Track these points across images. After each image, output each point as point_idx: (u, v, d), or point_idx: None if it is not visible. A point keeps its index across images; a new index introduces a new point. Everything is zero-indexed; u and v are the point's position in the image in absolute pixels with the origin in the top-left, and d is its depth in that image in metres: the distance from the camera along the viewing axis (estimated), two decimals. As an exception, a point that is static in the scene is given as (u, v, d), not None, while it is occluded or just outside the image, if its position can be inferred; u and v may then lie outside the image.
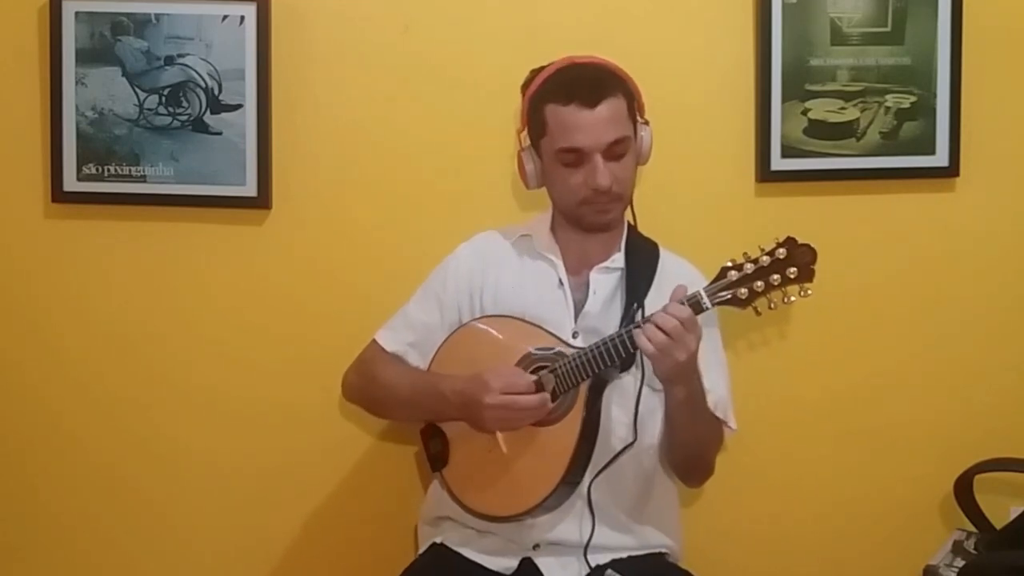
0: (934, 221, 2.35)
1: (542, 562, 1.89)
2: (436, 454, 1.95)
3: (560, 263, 1.98)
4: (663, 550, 1.99)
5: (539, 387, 1.83)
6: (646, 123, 1.97)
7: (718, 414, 1.93)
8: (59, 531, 2.36)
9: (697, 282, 1.94)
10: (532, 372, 1.86)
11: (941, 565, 2.11)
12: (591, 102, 1.87)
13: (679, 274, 1.97)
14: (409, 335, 2.02)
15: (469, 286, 2.00)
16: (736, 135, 2.32)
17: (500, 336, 1.93)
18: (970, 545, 2.15)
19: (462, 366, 1.91)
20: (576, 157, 1.89)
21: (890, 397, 2.35)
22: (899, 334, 2.36)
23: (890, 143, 2.31)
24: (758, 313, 1.76)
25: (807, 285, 1.74)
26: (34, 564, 2.37)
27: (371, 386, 2.02)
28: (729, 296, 1.75)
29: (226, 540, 2.36)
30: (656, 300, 1.88)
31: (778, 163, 2.30)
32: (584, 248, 1.98)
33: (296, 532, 2.35)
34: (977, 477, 2.18)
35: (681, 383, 1.80)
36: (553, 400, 1.84)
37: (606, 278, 1.96)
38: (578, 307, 1.94)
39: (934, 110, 2.30)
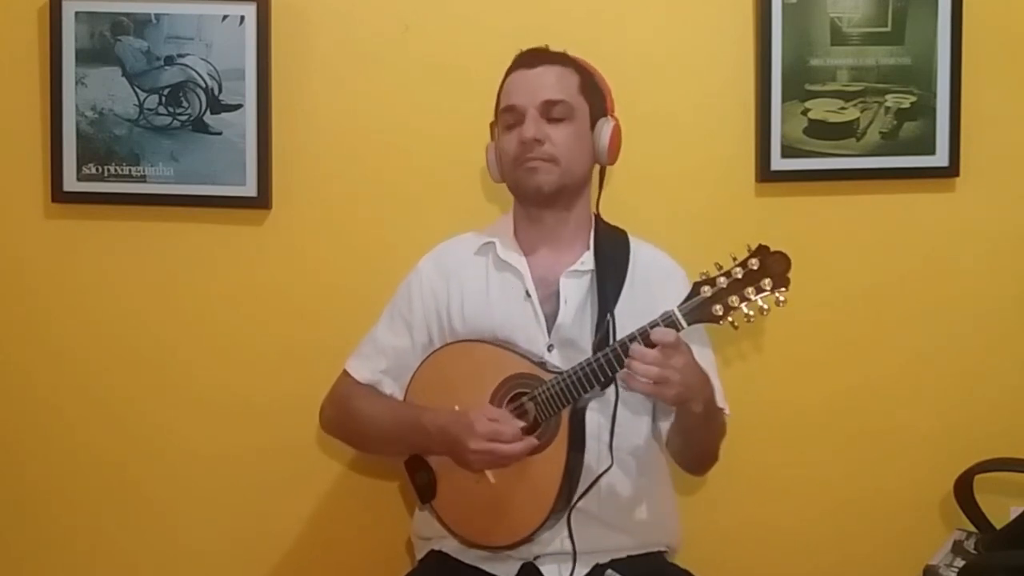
0: (934, 221, 2.35)
1: (546, 570, 1.88)
2: (423, 485, 1.92)
3: (526, 271, 1.93)
4: (662, 548, 1.98)
5: (522, 418, 1.80)
6: (612, 120, 1.95)
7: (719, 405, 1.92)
8: (59, 529, 2.36)
9: (671, 272, 1.94)
10: (511, 399, 1.84)
11: (941, 565, 2.11)
12: (531, 64, 1.93)
13: (652, 268, 1.96)
14: (381, 362, 1.98)
15: (435, 304, 1.98)
16: (736, 135, 2.32)
17: (475, 362, 1.89)
18: (970, 545, 2.14)
19: (439, 395, 1.89)
20: (514, 116, 1.91)
21: (890, 397, 2.35)
22: (899, 334, 2.36)
23: (890, 143, 2.31)
24: (735, 327, 1.71)
25: (782, 294, 1.68)
26: (34, 563, 2.37)
27: (349, 421, 1.99)
28: (704, 313, 1.70)
29: (226, 539, 2.36)
30: (629, 300, 1.87)
31: (778, 163, 2.30)
32: (550, 246, 1.96)
33: (296, 530, 2.35)
34: (977, 477, 2.18)
35: (695, 399, 1.75)
36: (535, 427, 1.81)
37: (576, 283, 1.92)
38: (550, 319, 1.90)
39: (934, 110, 2.30)
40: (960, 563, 2.09)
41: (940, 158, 2.31)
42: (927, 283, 2.35)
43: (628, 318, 1.79)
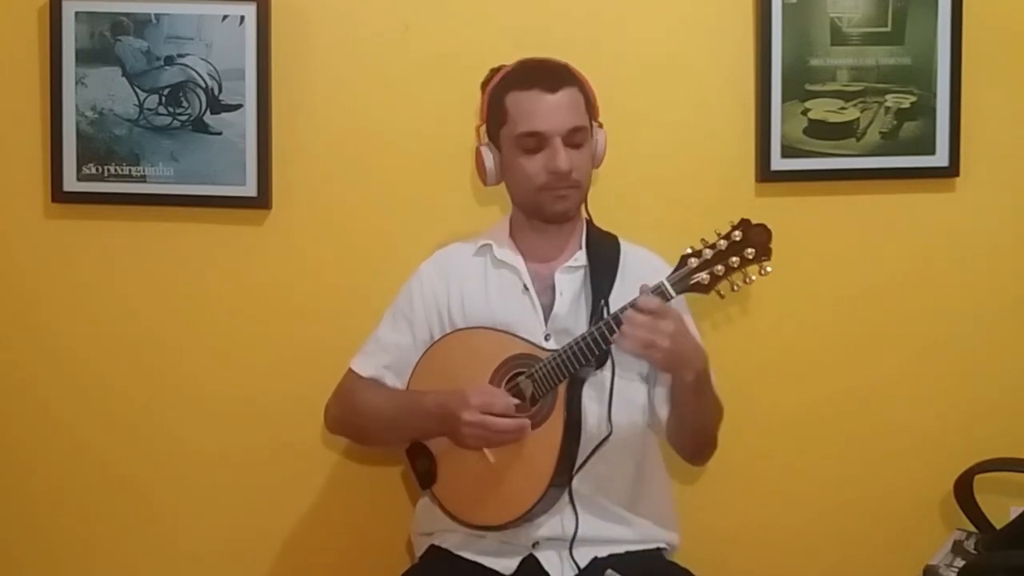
0: (934, 221, 2.35)
1: (544, 556, 1.90)
2: (424, 472, 1.95)
3: (523, 268, 1.99)
4: (661, 545, 1.99)
5: (519, 397, 1.84)
6: (600, 126, 1.99)
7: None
8: (59, 529, 2.36)
9: (660, 269, 1.96)
10: (510, 379, 1.88)
11: (941, 565, 2.11)
12: (552, 87, 1.91)
13: (642, 264, 2.00)
14: (384, 358, 2.02)
15: (436, 304, 2.01)
16: (736, 135, 2.32)
17: (475, 347, 1.93)
18: (970, 545, 2.14)
19: (440, 380, 1.92)
20: (536, 141, 1.92)
21: (890, 397, 2.35)
22: (899, 334, 2.36)
23: (890, 143, 2.31)
24: (721, 296, 1.78)
25: (766, 264, 1.76)
26: (34, 563, 2.37)
27: (353, 415, 2.03)
28: (691, 283, 1.77)
29: (226, 539, 2.36)
30: (621, 294, 1.91)
31: (778, 163, 2.30)
32: (545, 249, 2.00)
33: (296, 530, 2.35)
34: (977, 477, 2.18)
35: (686, 367, 1.80)
36: (533, 404, 1.85)
37: (570, 277, 1.98)
38: (546, 310, 1.95)
39: (934, 110, 2.30)
40: (960, 563, 2.09)
41: (940, 158, 2.31)
42: (927, 283, 2.35)
43: None
